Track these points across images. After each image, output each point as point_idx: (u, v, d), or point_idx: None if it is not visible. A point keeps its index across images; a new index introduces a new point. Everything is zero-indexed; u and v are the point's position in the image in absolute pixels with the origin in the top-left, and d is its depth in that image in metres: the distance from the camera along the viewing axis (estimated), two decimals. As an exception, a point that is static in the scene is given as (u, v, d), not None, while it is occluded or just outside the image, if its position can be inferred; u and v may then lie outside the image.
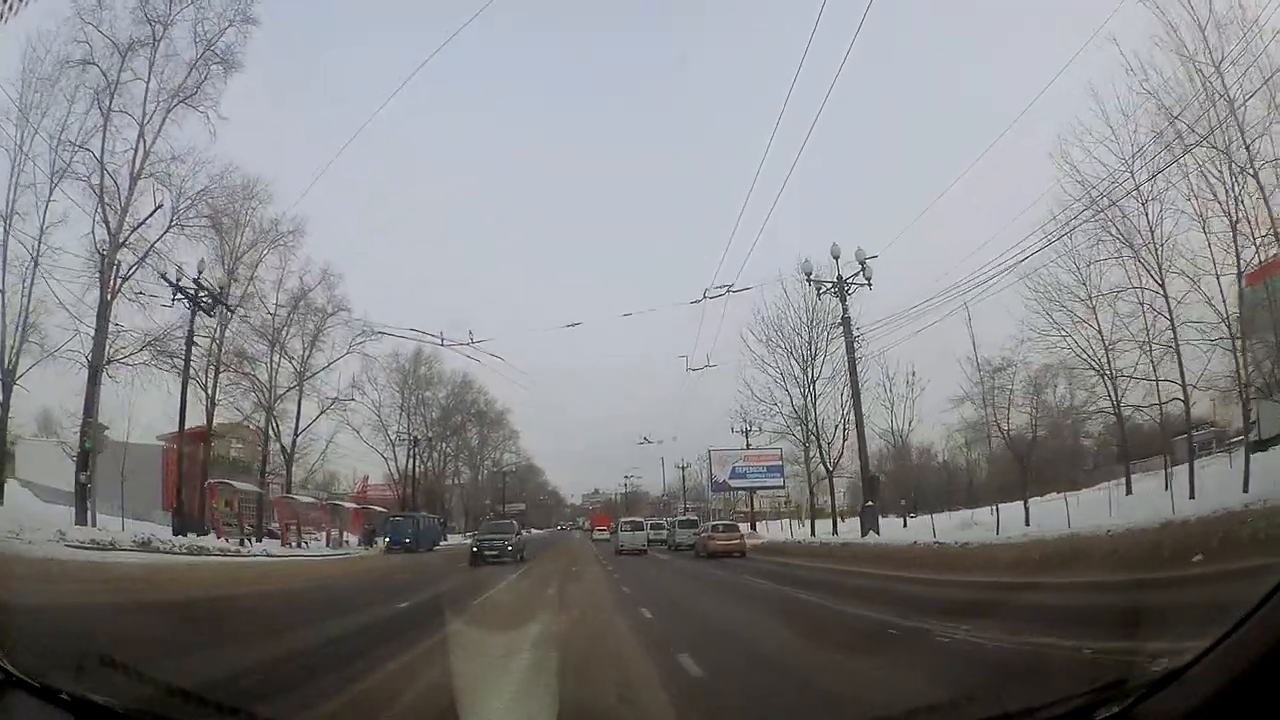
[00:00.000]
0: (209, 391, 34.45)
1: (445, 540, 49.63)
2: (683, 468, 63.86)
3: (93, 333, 27.03)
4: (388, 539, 40.93)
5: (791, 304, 37.62)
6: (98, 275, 27.35)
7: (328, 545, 38.34)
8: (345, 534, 42.43)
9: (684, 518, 48.85)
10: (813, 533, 39.57)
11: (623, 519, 51.32)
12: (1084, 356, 25.94)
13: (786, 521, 51.04)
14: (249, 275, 35.91)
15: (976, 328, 29.58)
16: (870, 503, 32.02)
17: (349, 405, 43.83)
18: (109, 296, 27.28)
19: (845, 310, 33.31)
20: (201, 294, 31.30)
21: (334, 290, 39.71)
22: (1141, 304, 23.52)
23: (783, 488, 50.39)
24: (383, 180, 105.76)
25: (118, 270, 27.63)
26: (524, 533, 42.35)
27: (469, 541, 36.05)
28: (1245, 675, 2.28)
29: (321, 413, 41.11)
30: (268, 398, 37.10)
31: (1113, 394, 25.95)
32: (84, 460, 26.34)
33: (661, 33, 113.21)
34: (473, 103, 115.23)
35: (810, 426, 37.91)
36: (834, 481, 39.05)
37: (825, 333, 36.49)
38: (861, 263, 32.25)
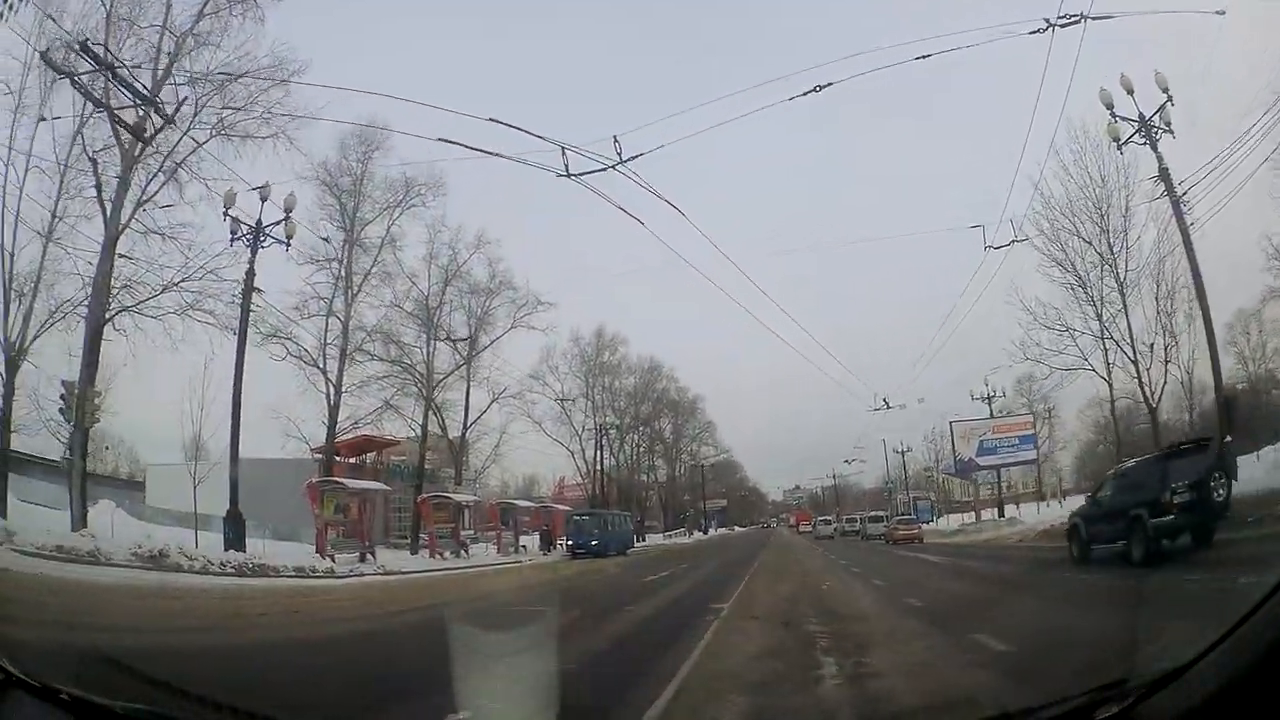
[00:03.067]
0: (335, 384, 32.29)
1: (643, 541, 48.80)
2: (902, 452, 60.23)
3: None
4: (569, 541, 38.85)
5: (1080, 169, 29.16)
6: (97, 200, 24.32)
7: (499, 552, 37.04)
8: (521, 538, 41.27)
9: (873, 514, 55.43)
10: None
11: (818, 517, 63.23)
12: None
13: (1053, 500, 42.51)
14: (381, 238, 33.99)
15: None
16: (1227, 438, 21.06)
17: (526, 395, 43.57)
18: (115, 231, 24.07)
19: (1161, 161, 24.31)
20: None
21: (496, 263, 38.65)
22: None
23: (1035, 461, 44.66)
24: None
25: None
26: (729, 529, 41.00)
27: (667, 541, 34.57)
28: (1245, 675, 2.37)
29: (493, 401, 40.33)
30: (425, 387, 35.73)
31: None
32: (81, 443, 23.47)
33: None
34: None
35: (1125, 340, 28.67)
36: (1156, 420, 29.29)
37: (1125, 205, 28.46)
38: (1167, 93, 24.08)
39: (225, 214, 25.58)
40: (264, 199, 26.26)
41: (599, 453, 51.82)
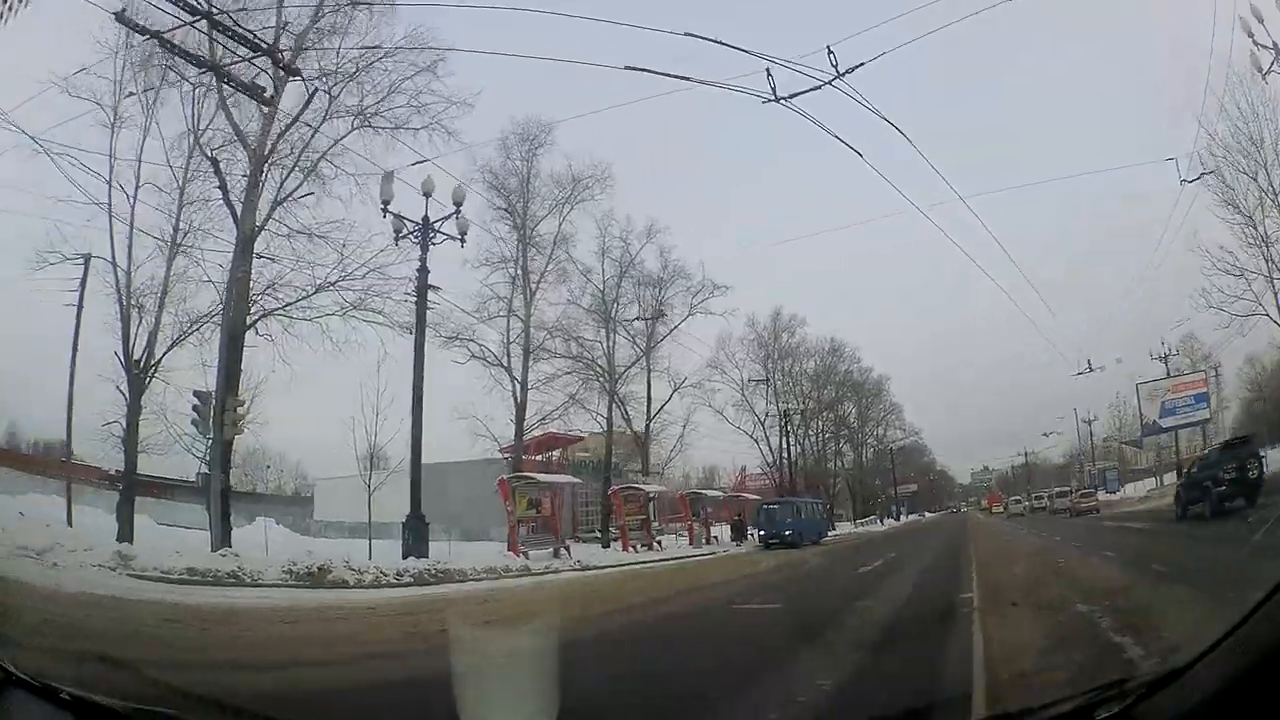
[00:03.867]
0: (520, 381, 33.09)
1: (833, 530, 48.01)
2: (1090, 421, 56.74)
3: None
4: (761, 532, 37.78)
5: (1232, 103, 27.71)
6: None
7: (691, 544, 37.00)
8: (712, 529, 40.96)
9: (1058, 490, 55.44)
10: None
11: (1010, 497, 63.46)
12: None
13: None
14: (554, 235, 34.73)
15: None
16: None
17: (707, 384, 43.46)
18: (250, 232, 22.94)
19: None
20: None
21: (668, 252, 38.88)
22: None
23: (1207, 421, 41.98)
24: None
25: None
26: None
27: (859, 529, 34.23)
28: (1245, 675, 2.40)
29: (674, 391, 40.54)
30: (608, 381, 36.38)
31: None
32: (224, 455, 21.88)
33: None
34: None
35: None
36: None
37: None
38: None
39: (384, 210, 24.55)
40: (427, 194, 25.33)
41: (783, 439, 50.95)
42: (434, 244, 25.60)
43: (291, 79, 22.97)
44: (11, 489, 25.29)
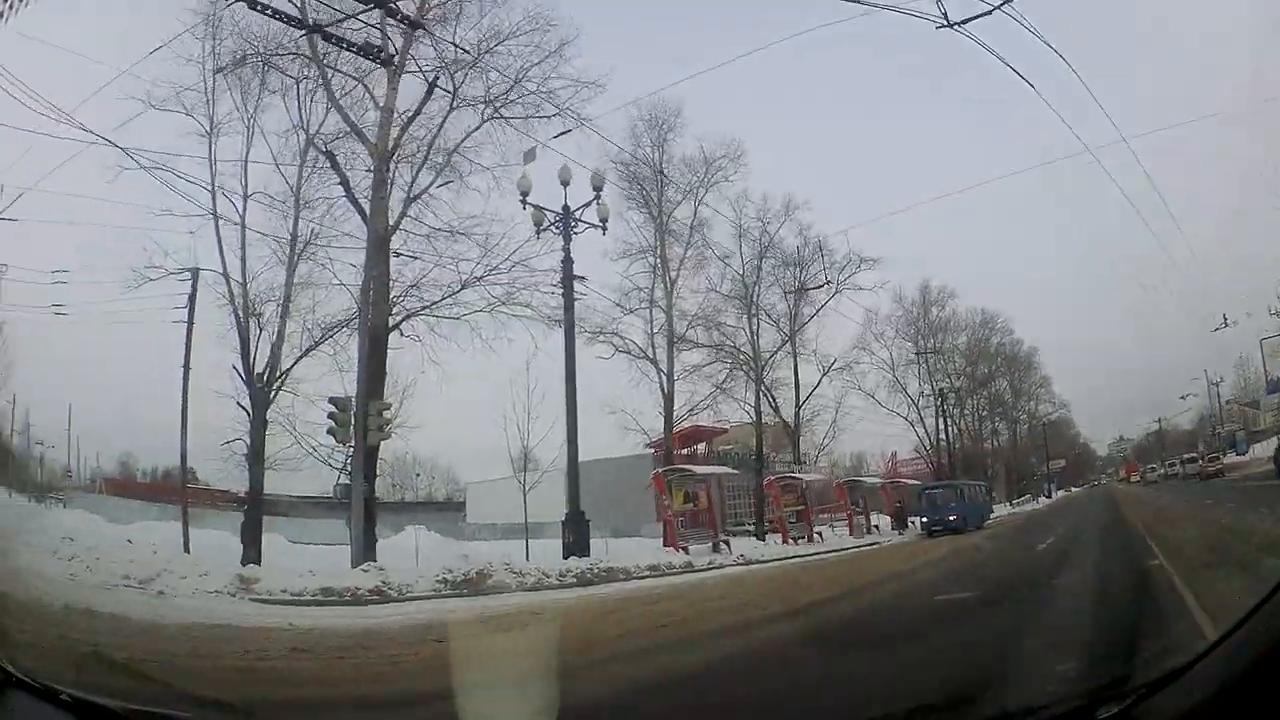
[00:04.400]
0: (666, 373, 32.80)
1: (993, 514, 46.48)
2: (1217, 383, 52.91)
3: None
4: (923, 518, 36.13)
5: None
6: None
7: (851, 533, 36.03)
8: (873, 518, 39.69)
9: (1186, 456, 52.00)
10: None
11: (1145, 465, 58.91)
12: None
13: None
14: (690, 221, 34.26)
15: None
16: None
17: (856, 366, 42.68)
18: (384, 231, 22.12)
19: None
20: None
21: (807, 229, 37.69)
22: None
23: None
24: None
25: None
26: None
27: (1016, 509, 33.40)
28: (1245, 675, 2.43)
29: (823, 375, 39.79)
30: (754, 368, 35.67)
31: None
32: (367, 463, 21.00)
33: None
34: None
35: None
36: None
37: None
38: None
39: (523, 201, 24.69)
40: (565, 184, 25.37)
41: (939, 421, 49.30)
42: (576, 233, 25.69)
43: (416, 34, 22.12)
44: (123, 518, 24.64)
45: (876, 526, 39.09)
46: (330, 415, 20.30)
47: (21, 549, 15.52)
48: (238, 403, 22.23)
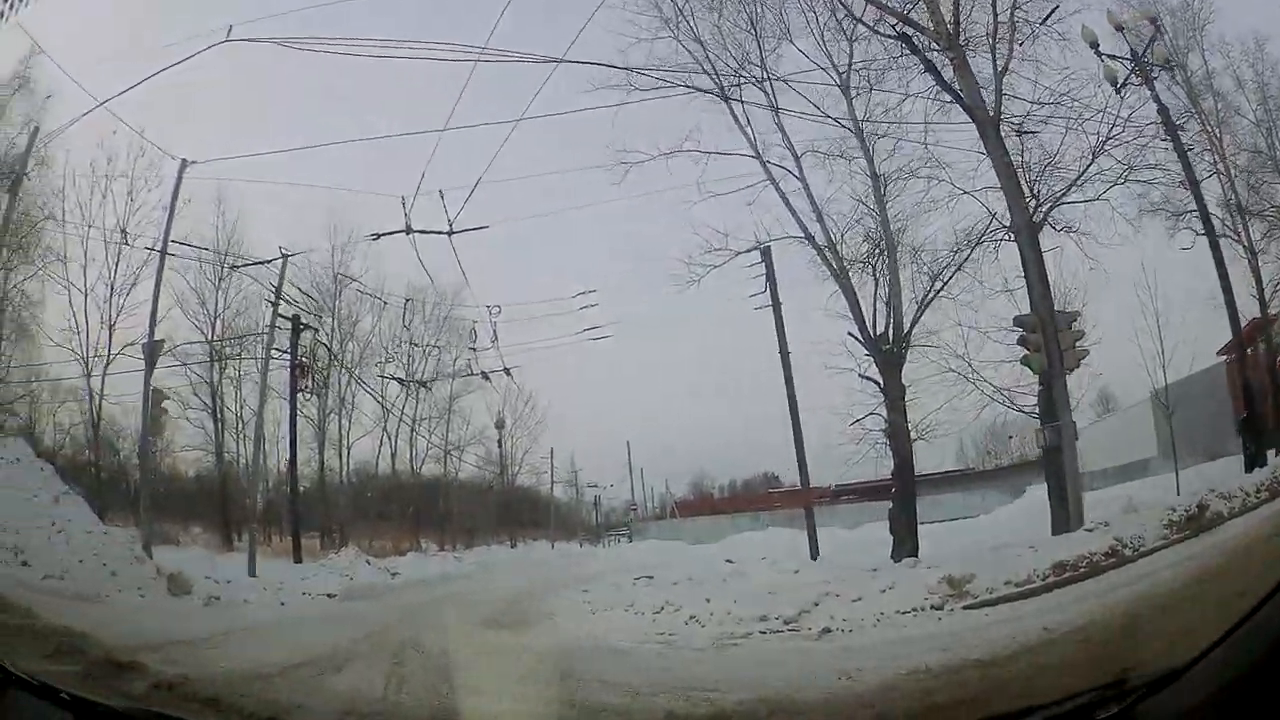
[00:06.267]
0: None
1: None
2: None
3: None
4: None
5: None
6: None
7: None
8: None
9: None
10: None
11: None
12: None
13: None
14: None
15: None
16: None
17: None
18: None
19: None
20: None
21: None
22: None
23: None
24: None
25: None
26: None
27: None
28: (1245, 675, 2.42)
29: None
30: None
31: None
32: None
33: None
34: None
35: None
36: None
37: None
38: None
39: (1097, 51, 17.08)
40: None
41: None
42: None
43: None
44: (706, 537, 24.04)
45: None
46: (1021, 340, 16.70)
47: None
48: (860, 375, 18.61)
